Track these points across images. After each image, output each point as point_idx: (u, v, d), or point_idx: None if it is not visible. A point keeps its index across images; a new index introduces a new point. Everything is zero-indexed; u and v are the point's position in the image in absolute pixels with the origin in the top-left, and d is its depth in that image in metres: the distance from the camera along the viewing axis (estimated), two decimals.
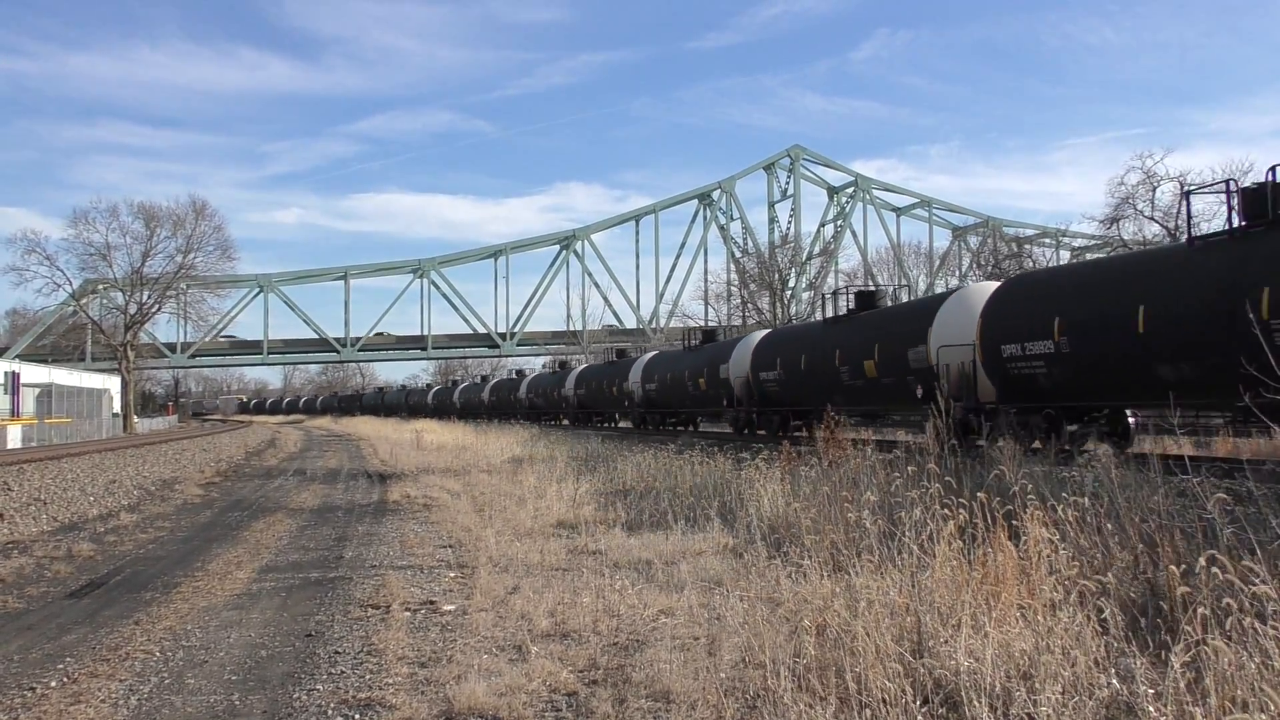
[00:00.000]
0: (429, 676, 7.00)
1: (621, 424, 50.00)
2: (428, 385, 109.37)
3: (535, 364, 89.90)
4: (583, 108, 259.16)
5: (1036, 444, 17.64)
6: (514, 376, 74.92)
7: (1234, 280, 14.61)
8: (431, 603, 9.61)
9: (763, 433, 31.02)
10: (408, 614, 9.14)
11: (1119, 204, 46.67)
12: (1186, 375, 15.44)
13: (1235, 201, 15.75)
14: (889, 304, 28.65)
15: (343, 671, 7.28)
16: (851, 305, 27.50)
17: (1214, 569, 5.43)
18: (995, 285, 22.56)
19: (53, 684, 7.12)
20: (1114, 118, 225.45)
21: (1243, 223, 15.37)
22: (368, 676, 7.12)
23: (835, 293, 30.63)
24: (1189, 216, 18.93)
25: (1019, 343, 18.88)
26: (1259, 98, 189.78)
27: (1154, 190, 44.45)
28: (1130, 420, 18.97)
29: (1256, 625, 4.95)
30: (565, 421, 54.34)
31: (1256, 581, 5.25)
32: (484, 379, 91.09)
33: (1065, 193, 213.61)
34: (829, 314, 29.03)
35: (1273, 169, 14.93)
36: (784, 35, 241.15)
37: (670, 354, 43.80)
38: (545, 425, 50.89)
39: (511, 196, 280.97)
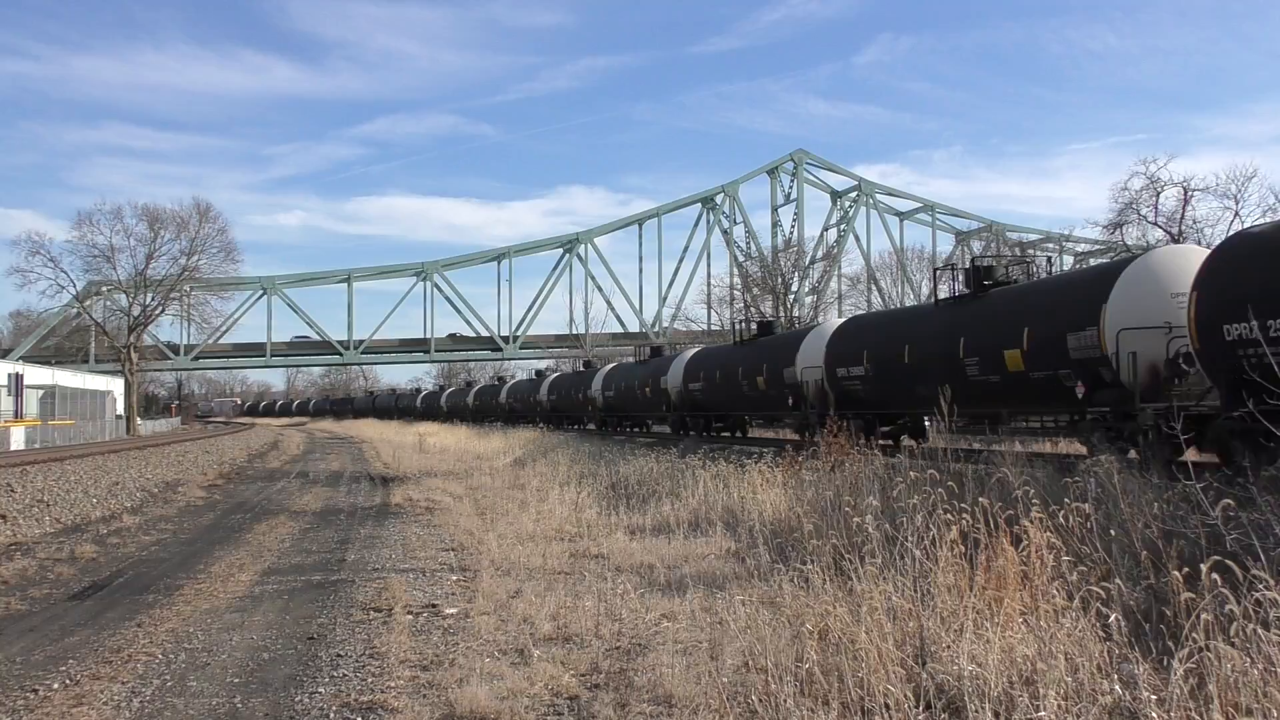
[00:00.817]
0: (431, 680, 7.00)
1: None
2: (440, 387, 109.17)
3: (538, 367, 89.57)
4: (585, 112, 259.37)
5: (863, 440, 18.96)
6: (534, 377, 73.50)
7: (951, 331, 20.45)
8: (434, 606, 9.62)
9: (692, 433, 36.68)
10: (410, 617, 9.14)
11: (1123, 209, 46.58)
12: (931, 392, 17.78)
13: (961, 276, 21.96)
14: (778, 332, 34.91)
15: (345, 674, 7.28)
16: (754, 331, 33.98)
17: (1214, 574, 5.42)
18: (841, 321, 28.33)
19: (55, 686, 7.13)
20: (1116, 123, 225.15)
21: (966, 291, 21.15)
22: (370, 679, 7.12)
23: (742, 323, 37.93)
24: (933, 282, 23.87)
25: (846, 367, 24.97)
26: (1261, 103, 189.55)
27: (1158, 196, 44.33)
28: (927, 423, 24.20)
29: (1260, 631, 4.95)
30: (591, 426, 49.64)
31: (1260, 587, 5.24)
32: (501, 380, 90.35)
33: (1068, 198, 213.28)
34: (743, 337, 34.54)
35: (974, 260, 21.75)
36: (786, 40, 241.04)
37: (626, 366, 48.33)
38: (567, 430, 48.09)
39: (514, 200, 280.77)
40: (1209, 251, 15.72)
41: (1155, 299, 16.88)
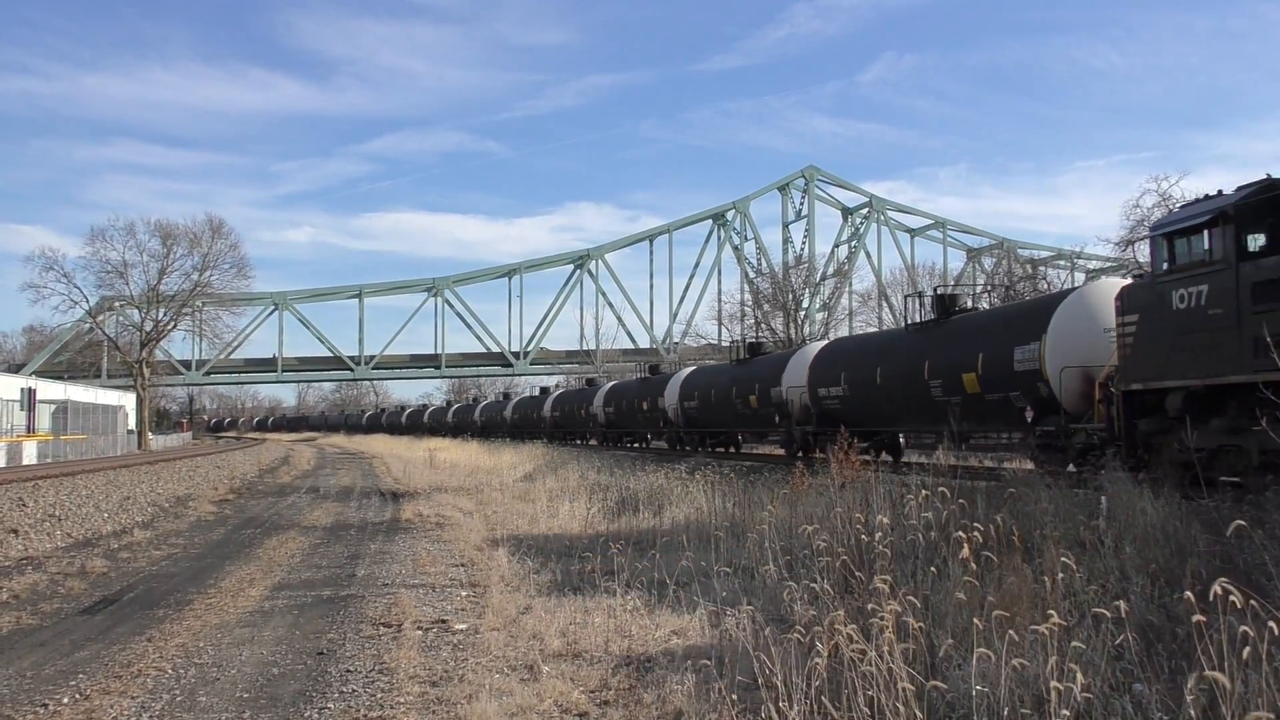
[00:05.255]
0: (440, 695, 6.99)
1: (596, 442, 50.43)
2: (447, 403, 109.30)
3: (549, 383, 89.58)
4: (592, 129, 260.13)
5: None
6: (538, 394, 74.00)
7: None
8: (443, 621, 9.61)
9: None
10: (420, 633, 9.14)
11: (1134, 226, 46.52)
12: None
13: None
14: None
15: (354, 690, 7.28)
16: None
17: (1231, 597, 5.38)
18: (821, 345, 30.63)
19: (65, 700, 7.14)
20: (1122, 141, 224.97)
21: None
22: (379, 695, 7.11)
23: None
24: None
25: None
26: (1265, 122, 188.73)
27: (1169, 213, 44.32)
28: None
29: (1272, 651, 4.91)
30: (593, 442, 51.51)
31: (1273, 609, 5.20)
32: (507, 395, 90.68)
33: (1075, 215, 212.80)
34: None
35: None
36: (791, 58, 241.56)
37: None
38: (570, 445, 49.65)
39: (523, 216, 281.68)
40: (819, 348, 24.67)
41: (802, 373, 25.54)
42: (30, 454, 51.51)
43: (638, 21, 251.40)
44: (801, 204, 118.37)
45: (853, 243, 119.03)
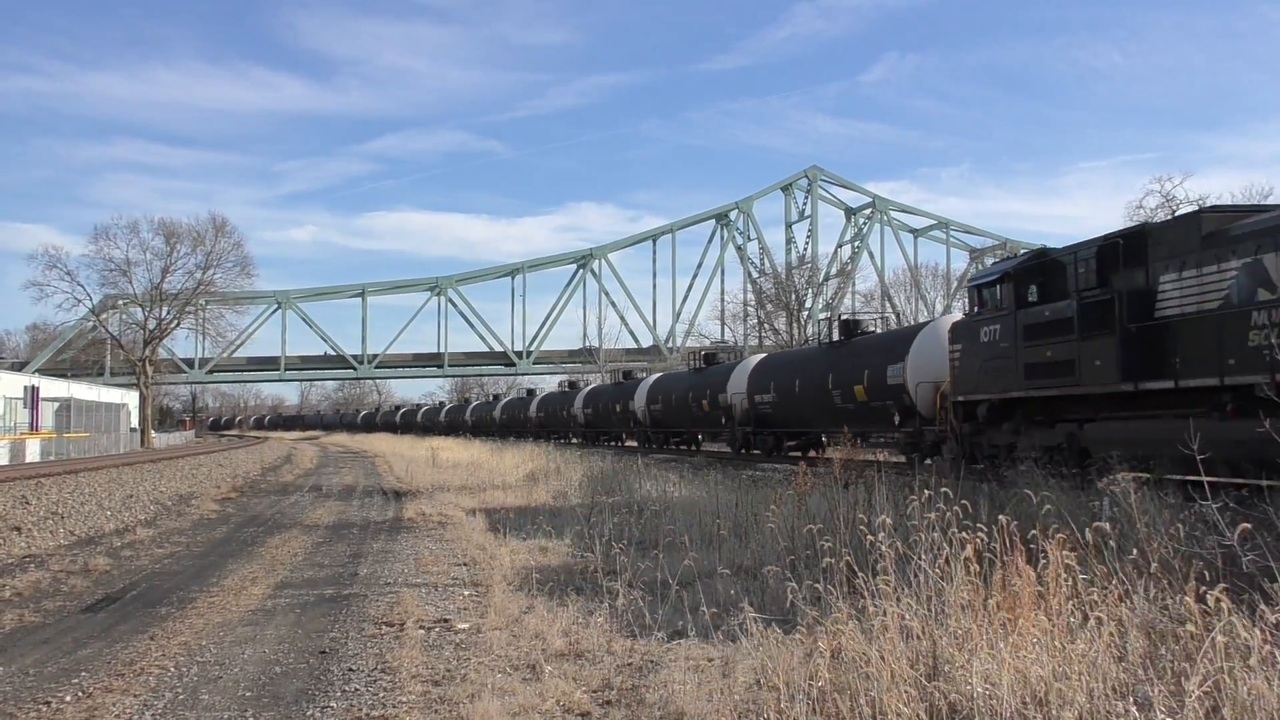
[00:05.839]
0: (443, 695, 6.99)
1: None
2: (440, 404, 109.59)
3: (551, 382, 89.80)
4: (594, 128, 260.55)
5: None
6: (524, 395, 75.78)
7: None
8: (446, 621, 9.61)
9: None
10: (422, 632, 9.14)
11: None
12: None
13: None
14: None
15: (356, 689, 7.28)
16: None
17: (1228, 597, 5.38)
18: (759, 358, 35.96)
19: (67, 699, 7.14)
20: (1125, 142, 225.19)
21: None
22: (381, 694, 7.12)
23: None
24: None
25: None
26: (1270, 122, 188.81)
27: (1173, 214, 44.12)
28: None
29: (1277, 653, 4.91)
30: (575, 440, 55.31)
31: (1277, 609, 5.20)
32: (495, 398, 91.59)
33: (1077, 216, 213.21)
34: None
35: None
36: (793, 58, 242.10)
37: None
38: (556, 443, 51.46)
39: (525, 216, 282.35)
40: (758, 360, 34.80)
41: (743, 381, 33.62)
42: (34, 452, 51.59)
43: (639, 21, 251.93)
44: (805, 204, 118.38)
45: (856, 243, 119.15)
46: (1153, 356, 14.22)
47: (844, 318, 31.47)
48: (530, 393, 76.65)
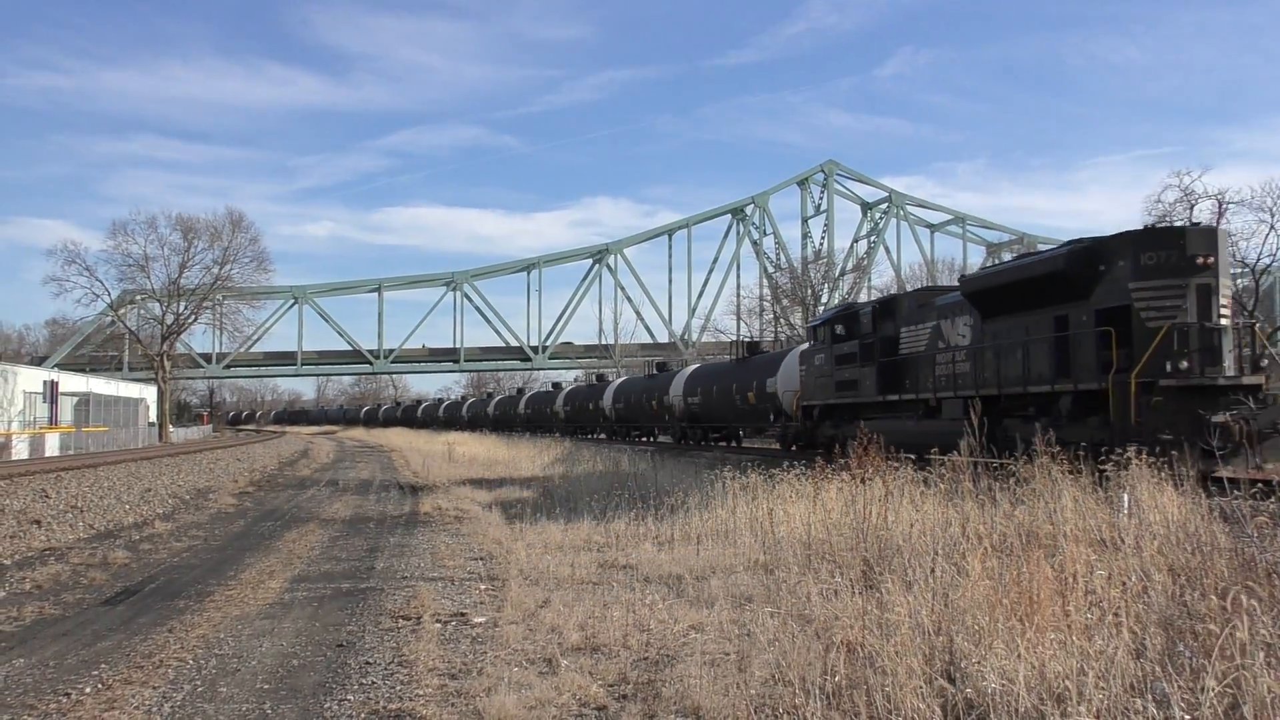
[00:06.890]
0: (459, 688, 7.02)
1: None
2: (462, 398, 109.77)
3: (567, 377, 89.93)
4: (608, 123, 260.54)
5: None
6: (550, 389, 75.00)
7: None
8: (462, 614, 9.64)
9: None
10: (439, 625, 9.17)
11: (1156, 222, 46.13)
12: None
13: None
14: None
15: (373, 682, 7.31)
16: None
17: (1252, 600, 5.35)
18: (694, 367, 46.04)
19: (87, 690, 7.20)
20: (1141, 136, 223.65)
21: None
22: (398, 687, 7.14)
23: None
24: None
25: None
26: None
27: (1191, 209, 43.81)
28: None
29: None
30: (602, 436, 54.31)
31: None
32: (520, 391, 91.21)
33: (1093, 211, 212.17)
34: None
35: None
36: (807, 53, 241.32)
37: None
38: (582, 439, 51.22)
39: (540, 211, 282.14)
40: (693, 368, 47.13)
41: (680, 385, 42.86)
42: (53, 446, 51.93)
43: (653, 17, 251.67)
44: (821, 199, 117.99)
45: (872, 238, 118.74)
46: (896, 379, 22.48)
47: (745, 339, 39.82)
48: (556, 386, 75.92)
